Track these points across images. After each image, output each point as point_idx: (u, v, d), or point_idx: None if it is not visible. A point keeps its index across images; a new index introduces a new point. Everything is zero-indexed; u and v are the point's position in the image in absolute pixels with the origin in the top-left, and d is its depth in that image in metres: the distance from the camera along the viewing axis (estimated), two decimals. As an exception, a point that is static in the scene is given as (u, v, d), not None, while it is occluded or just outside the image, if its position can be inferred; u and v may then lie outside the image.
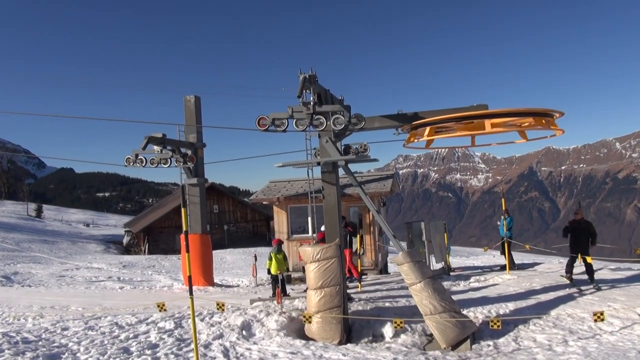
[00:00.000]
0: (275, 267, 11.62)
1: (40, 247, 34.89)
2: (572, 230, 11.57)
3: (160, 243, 41.22)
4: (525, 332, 8.72)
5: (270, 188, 17.46)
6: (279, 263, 11.65)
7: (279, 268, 11.62)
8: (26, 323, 9.79)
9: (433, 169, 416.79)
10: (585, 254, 11.36)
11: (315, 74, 8.59)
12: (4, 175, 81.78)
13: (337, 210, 9.67)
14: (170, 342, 8.29)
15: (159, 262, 29.72)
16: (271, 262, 11.70)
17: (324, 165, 9.66)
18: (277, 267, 11.61)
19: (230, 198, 46.48)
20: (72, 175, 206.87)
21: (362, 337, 9.07)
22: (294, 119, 9.16)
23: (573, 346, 7.88)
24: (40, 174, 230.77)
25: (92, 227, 59.85)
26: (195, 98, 15.91)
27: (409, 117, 9.73)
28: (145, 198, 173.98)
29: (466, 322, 8.47)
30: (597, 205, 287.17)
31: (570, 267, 11.85)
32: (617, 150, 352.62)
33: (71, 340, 8.28)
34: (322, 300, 8.92)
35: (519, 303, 10.43)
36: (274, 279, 11.72)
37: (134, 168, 14.40)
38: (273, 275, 11.72)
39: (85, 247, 39.35)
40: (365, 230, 15.84)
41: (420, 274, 8.66)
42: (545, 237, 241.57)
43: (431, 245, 14.77)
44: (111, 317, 10.04)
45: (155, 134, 13.96)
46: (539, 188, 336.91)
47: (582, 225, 11.51)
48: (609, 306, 9.67)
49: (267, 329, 9.10)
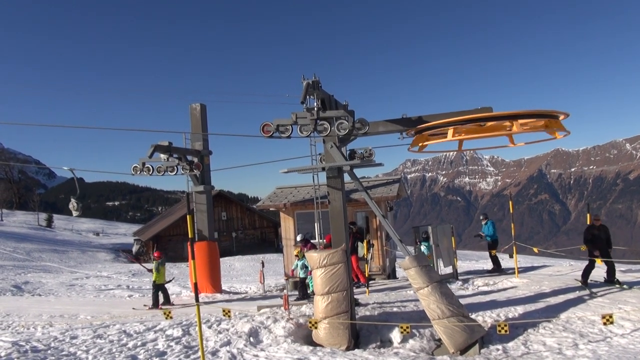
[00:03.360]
0: (160, 279, 13.02)
1: (51, 257, 35.18)
2: (595, 237, 11.52)
3: (168, 251, 41.35)
4: (535, 336, 8.62)
5: (276, 194, 17.49)
6: (162, 275, 13.10)
7: (162, 279, 13.10)
8: (35, 332, 9.86)
9: (441, 173, 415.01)
10: (607, 256, 11.43)
11: (318, 79, 8.61)
12: (15, 186, 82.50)
13: (343, 216, 9.65)
14: (178, 350, 8.31)
15: (168, 269, 29.79)
16: (157, 274, 12.99)
17: (329, 171, 9.65)
18: (161, 279, 13.05)
19: (239, 205, 46.59)
20: (82, 185, 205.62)
21: (370, 343, 9.02)
22: (298, 125, 9.18)
23: (583, 349, 7.78)
24: (51, 184, 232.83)
25: (101, 236, 60.21)
26: (200, 106, 16.01)
27: (413, 121, 9.71)
28: (154, 206, 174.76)
29: (475, 327, 8.40)
30: (608, 207, 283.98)
31: (588, 274, 11.80)
32: (628, 151, 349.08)
33: (80, 349, 8.32)
34: (329, 305, 8.90)
35: (528, 306, 10.33)
36: (158, 289, 13.04)
37: (141, 176, 14.51)
38: (157, 285, 13.01)
39: (95, 256, 39.61)
40: (373, 235, 15.80)
41: (428, 278, 8.61)
42: (556, 240, 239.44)
43: (439, 249, 14.70)
44: (120, 325, 10.08)
45: (161, 142, 14.06)
46: (549, 190, 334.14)
47: (602, 230, 11.63)
48: (620, 308, 9.56)
49: (275, 335, 9.09)
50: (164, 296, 13.22)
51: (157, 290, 13.07)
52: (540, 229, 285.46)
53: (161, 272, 13.12)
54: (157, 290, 13.06)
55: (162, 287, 13.17)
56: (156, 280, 13.01)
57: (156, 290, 13.06)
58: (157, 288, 13.07)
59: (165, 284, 13.40)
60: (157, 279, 12.99)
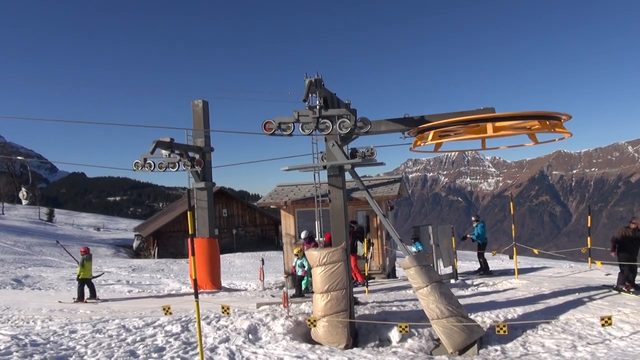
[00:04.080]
0: (85, 273, 13.51)
1: (51, 251, 35.22)
2: (630, 240, 11.18)
3: (169, 247, 41.42)
4: (534, 337, 8.62)
5: (277, 192, 17.49)
6: (87, 269, 13.56)
7: (87, 274, 13.59)
8: (35, 326, 9.86)
9: (443, 173, 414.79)
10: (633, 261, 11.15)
11: (321, 77, 8.61)
12: (16, 180, 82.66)
13: (344, 214, 9.66)
14: (176, 346, 8.31)
15: (168, 265, 29.83)
16: (82, 269, 13.48)
17: (330, 169, 9.65)
18: (86, 273, 13.55)
19: (239, 202, 46.61)
20: (84, 180, 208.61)
21: (369, 342, 9.02)
22: (300, 123, 9.17)
23: (582, 351, 7.78)
24: (52, 178, 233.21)
25: (102, 231, 60.30)
26: (203, 103, 16.02)
27: (415, 121, 9.71)
28: (155, 202, 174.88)
29: (473, 327, 8.40)
30: (609, 210, 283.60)
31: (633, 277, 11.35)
32: (630, 153, 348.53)
33: (79, 343, 8.33)
34: (329, 304, 8.90)
35: (528, 308, 10.33)
36: (83, 283, 13.49)
37: (142, 172, 14.54)
38: (82, 279, 13.48)
39: (95, 250, 39.63)
40: (373, 234, 15.81)
41: (427, 278, 8.61)
42: (557, 242, 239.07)
43: (439, 250, 14.70)
44: (119, 320, 10.08)
45: (163, 138, 14.10)
46: (550, 192, 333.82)
47: (638, 234, 11.21)
48: (619, 311, 9.56)
49: (274, 332, 9.10)
50: (90, 290, 13.61)
51: (83, 284, 13.52)
52: (541, 231, 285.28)
53: (87, 267, 13.58)
54: (82, 284, 13.51)
55: (88, 282, 13.67)
56: (80, 274, 13.53)
57: (81, 284, 13.51)
58: (82, 282, 13.52)
59: (93, 278, 13.99)
60: (82, 274, 13.53)
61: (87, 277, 13.61)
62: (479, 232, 15.53)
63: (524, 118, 8.50)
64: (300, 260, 12.52)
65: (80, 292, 13.46)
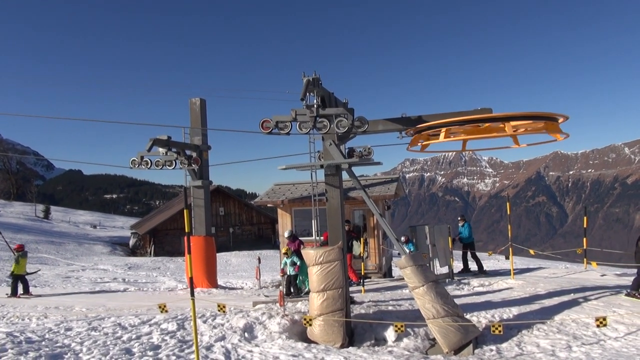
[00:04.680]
0: (19, 269, 13.85)
1: (47, 248, 35.14)
2: None
3: (165, 245, 41.34)
4: (529, 337, 8.66)
5: (274, 191, 17.48)
6: (22, 266, 13.93)
7: (21, 270, 13.92)
8: (30, 323, 9.85)
9: (440, 173, 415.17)
10: None
11: (319, 76, 8.60)
12: (13, 177, 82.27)
13: (341, 213, 9.66)
14: (172, 344, 8.31)
15: (164, 264, 29.81)
16: (16, 265, 13.83)
17: (327, 168, 9.65)
18: (20, 269, 13.88)
19: (236, 201, 46.56)
20: (80, 177, 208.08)
21: (365, 341, 9.04)
22: (298, 122, 9.17)
23: (577, 352, 7.81)
24: (49, 175, 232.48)
25: (99, 229, 60.15)
26: (200, 101, 15.98)
27: (412, 121, 9.72)
28: (152, 200, 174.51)
29: (469, 327, 8.42)
30: (605, 211, 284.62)
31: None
32: (626, 155, 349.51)
33: (74, 341, 8.32)
34: (325, 303, 8.91)
35: (523, 308, 10.36)
36: (17, 279, 13.83)
37: (139, 170, 14.51)
38: (16, 275, 13.83)
39: (91, 248, 39.56)
40: (370, 233, 15.82)
41: (423, 278, 8.63)
42: (553, 242, 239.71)
43: (435, 249, 14.72)
44: (114, 318, 10.08)
45: (160, 136, 14.05)
46: (547, 193, 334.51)
47: None
48: (614, 312, 9.59)
49: (270, 331, 9.10)
50: (24, 287, 13.95)
51: (16, 280, 13.85)
52: (537, 231, 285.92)
53: (21, 263, 13.92)
54: (15, 280, 13.84)
55: (22, 278, 13.98)
56: (15, 270, 13.87)
57: (15, 280, 13.84)
58: (16, 278, 13.85)
59: (27, 275, 14.26)
60: (16, 270, 13.86)
61: (20, 273, 13.93)
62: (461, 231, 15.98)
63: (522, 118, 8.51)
64: (291, 259, 12.61)
65: (14, 288, 13.78)
